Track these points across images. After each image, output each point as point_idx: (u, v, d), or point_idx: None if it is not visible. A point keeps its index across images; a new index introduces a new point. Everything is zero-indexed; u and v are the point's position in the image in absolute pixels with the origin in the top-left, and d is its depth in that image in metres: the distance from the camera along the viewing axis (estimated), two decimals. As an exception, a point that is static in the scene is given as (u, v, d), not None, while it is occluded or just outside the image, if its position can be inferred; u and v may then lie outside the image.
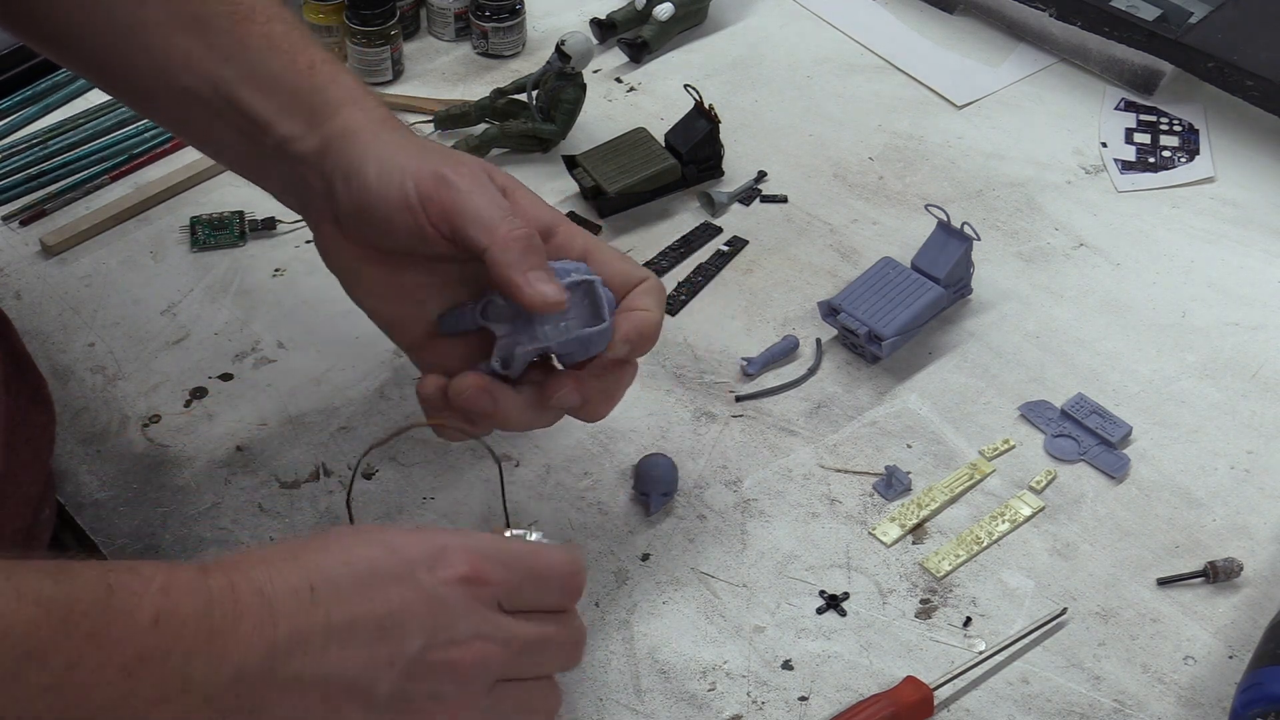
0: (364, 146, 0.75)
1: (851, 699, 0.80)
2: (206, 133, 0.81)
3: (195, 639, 0.60)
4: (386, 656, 0.63)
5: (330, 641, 0.62)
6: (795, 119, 1.20)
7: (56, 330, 1.02)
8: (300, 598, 0.62)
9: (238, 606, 0.61)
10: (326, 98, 0.77)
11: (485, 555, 0.66)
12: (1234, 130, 1.18)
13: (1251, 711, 0.75)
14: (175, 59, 0.78)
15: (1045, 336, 1.01)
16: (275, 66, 0.77)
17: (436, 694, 0.65)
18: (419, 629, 0.64)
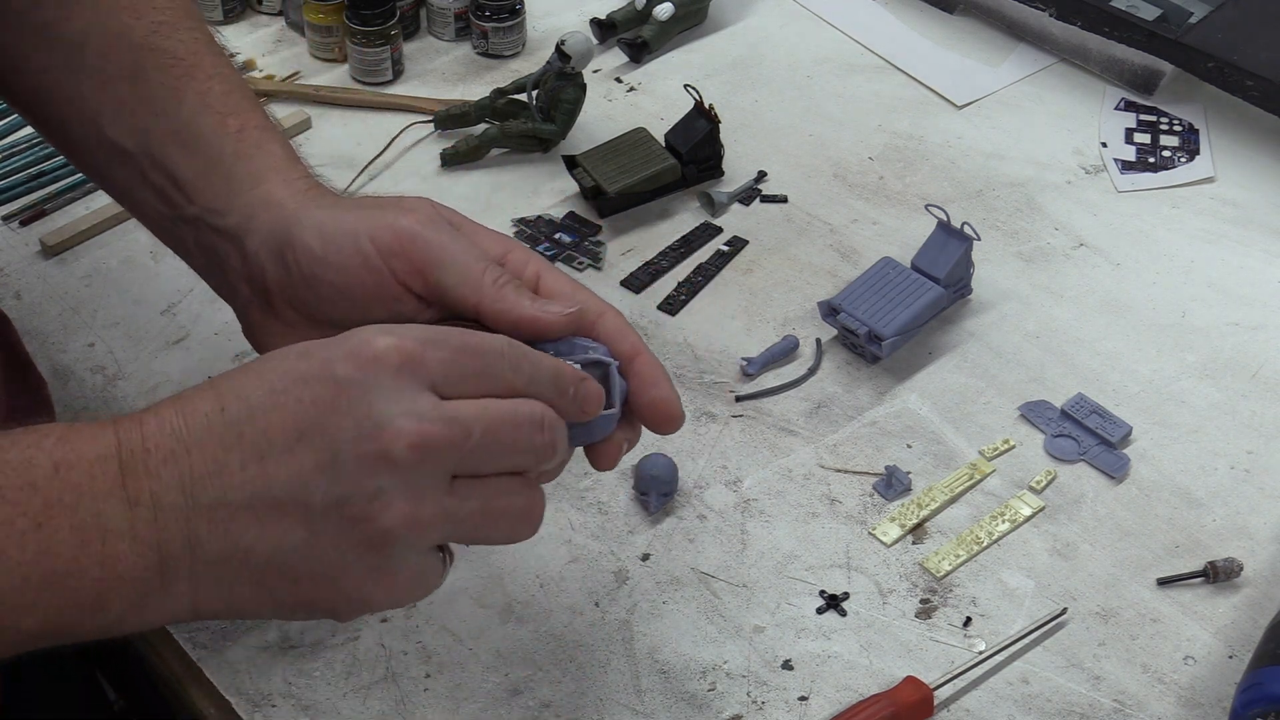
0: (293, 215, 0.70)
1: (851, 699, 0.80)
2: (128, 192, 0.77)
3: (103, 481, 0.57)
4: (313, 462, 0.59)
5: (248, 459, 0.58)
6: (795, 119, 1.20)
7: (56, 330, 1.02)
8: (211, 420, 0.59)
9: (145, 442, 0.58)
10: (250, 167, 0.73)
11: (408, 333, 0.60)
12: (1234, 130, 1.18)
13: (1251, 711, 0.75)
14: (107, 107, 0.75)
15: (1045, 336, 1.01)
16: (203, 125, 0.74)
17: (378, 491, 0.59)
18: (341, 423, 0.58)
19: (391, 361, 0.59)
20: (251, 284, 0.72)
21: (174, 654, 0.83)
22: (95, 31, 0.76)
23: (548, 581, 0.86)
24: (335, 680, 0.81)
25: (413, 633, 0.83)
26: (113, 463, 0.58)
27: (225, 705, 0.80)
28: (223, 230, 0.73)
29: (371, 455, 0.59)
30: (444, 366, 0.60)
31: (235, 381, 0.60)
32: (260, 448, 0.59)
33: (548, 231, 1.09)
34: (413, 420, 0.59)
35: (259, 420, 0.59)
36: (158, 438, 0.59)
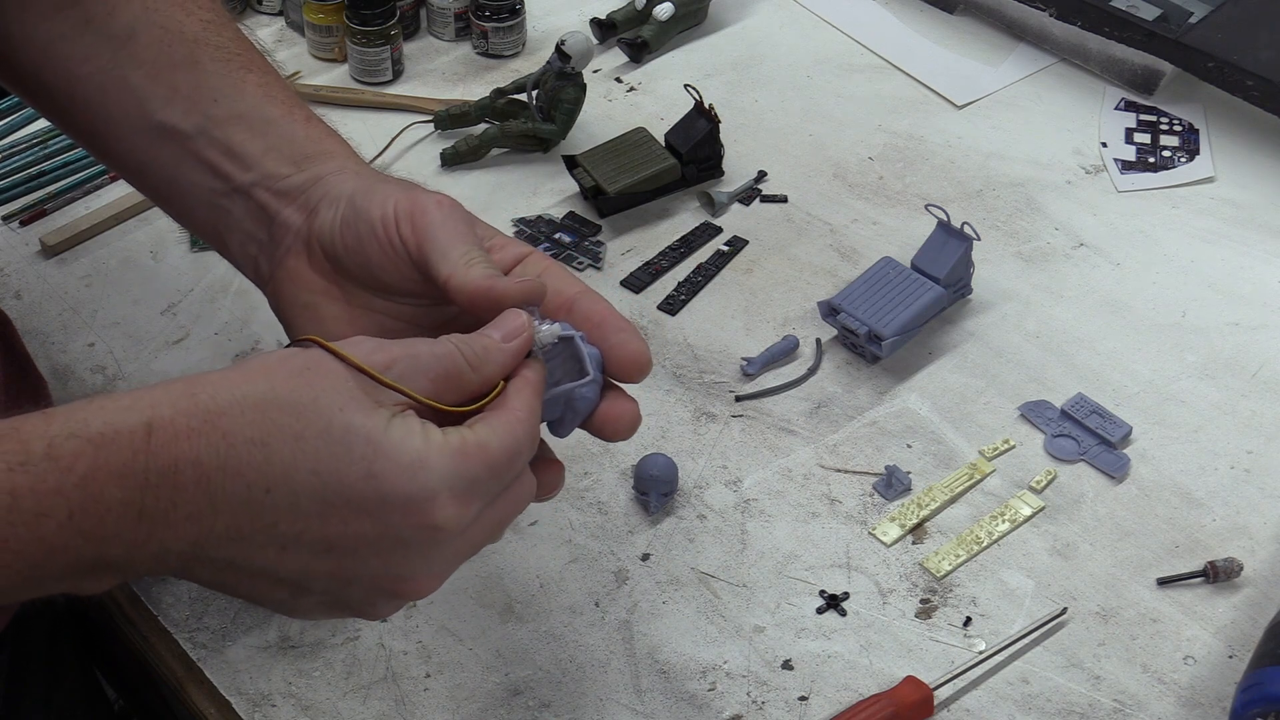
0: (354, 179, 0.74)
1: (851, 699, 0.80)
2: (171, 170, 0.78)
3: (117, 526, 0.56)
4: (327, 570, 0.60)
5: (270, 545, 0.59)
6: (795, 119, 1.20)
7: (56, 330, 1.02)
8: (252, 497, 0.58)
9: (175, 495, 0.57)
10: (321, 146, 0.76)
11: (468, 491, 0.61)
12: (1234, 130, 1.18)
13: (1251, 711, 0.75)
14: (159, 93, 0.77)
15: (1045, 336, 1.01)
16: (270, 113, 0.76)
17: (374, 604, 0.63)
18: (372, 562, 0.60)
19: (441, 536, 0.61)
20: (298, 236, 0.74)
21: (174, 654, 0.83)
22: (143, 25, 0.78)
23: (548, 581, 0.86)
24: (335, 680, 0.81)
25: (413, 633, 0.83)
26: (133, 508, 0.57)
27: (225, 705, 0.80)
28: (284, 190, 0.75)
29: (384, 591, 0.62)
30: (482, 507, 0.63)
31: (287, 460, 0.58)
32: (285, 541, 0.59)
33: (548, 231, 1.09)
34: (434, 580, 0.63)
35: (298, 523, 0.59)
36: (191, 493, 0.57)
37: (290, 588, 0.61)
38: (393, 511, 0.60)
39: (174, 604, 0.85)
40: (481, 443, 0.62)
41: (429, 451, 0.60)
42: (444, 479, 0.60)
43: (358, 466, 0.59)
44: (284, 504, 0.58)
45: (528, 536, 0.88)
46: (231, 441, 0.57)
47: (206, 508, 0.57)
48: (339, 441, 0.59)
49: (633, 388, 0.79)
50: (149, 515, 0.56)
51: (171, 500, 0.57)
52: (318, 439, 0.59)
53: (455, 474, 0.61)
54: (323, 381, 0.60)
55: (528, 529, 0.89)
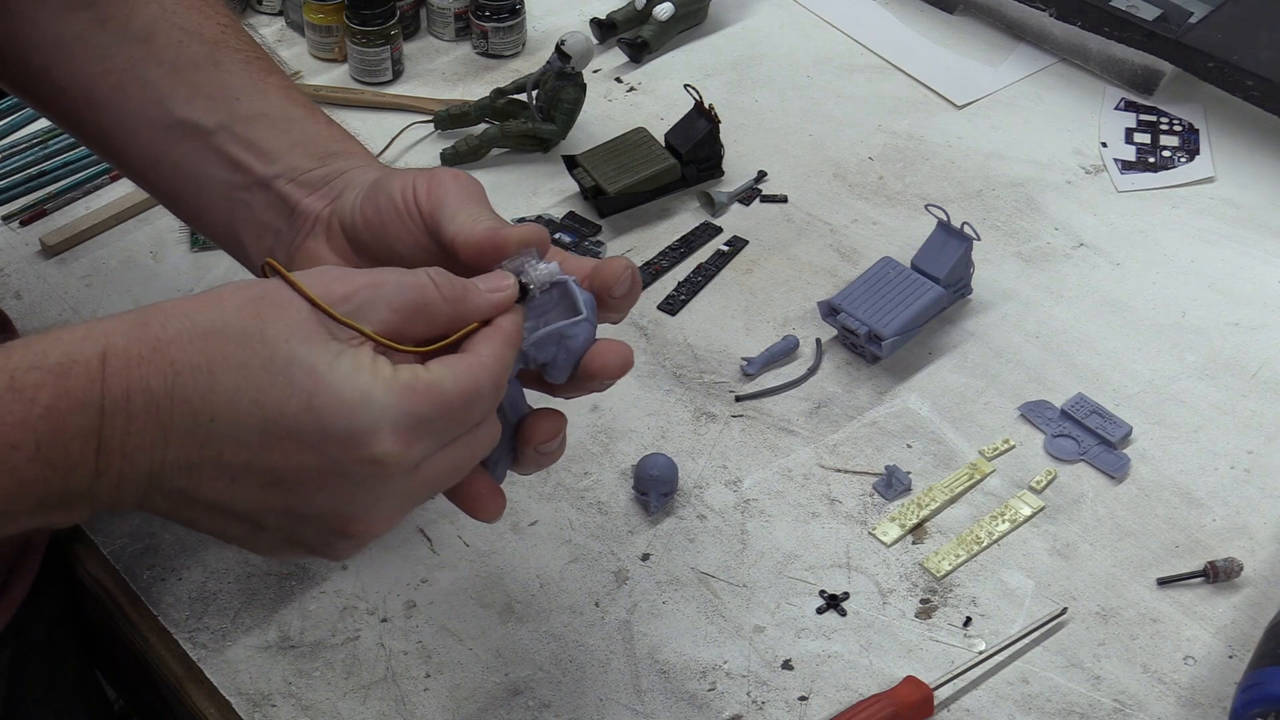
0: (379, 171, 0.75)
1: (851, 699, 0.80)
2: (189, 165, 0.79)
3: (80, 455, 0.57)
4: (280, 503, 0.61)
5: (220, 476, 0.59)
6: (795, 119, 1.20)
7: (56, 330, 1.02)
8: (198, 425, 0.58)
9: (129, 423, 0.58)
10: (344, 146, 0.77)
11: (414, 429, 0.60)
12: (1234, 130, 1.18)
13: (1251, 711, 0.75)
14: (180, 92, 0.78)
15: (1045, 336, 1.01)
16: (294, 113, 0.78)
17: (329, 543, 0.63)
18: (318, 497, 0.61)
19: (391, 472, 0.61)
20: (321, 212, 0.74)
21: (174, 654, 0.83)
22: (162, 26, 0.79)
23: (548, 581, 0.86)
24: (335, 680, 0.81)
25: (413, 633, 0.83)
26: (93, 439, 0.58)
27: (225, 705, 0.80)
28: (307, 182, 0.75)
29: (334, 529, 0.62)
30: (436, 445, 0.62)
31: (233, 384, 0.59)
32: (234, 472, 0.60)
33: (548, 231, 1.09)
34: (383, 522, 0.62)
35: (241, 452, 0.59)
36: (143, 419, 0.58)
37: (247, 523, 0.62)
38: (333, 445, 0.59)
39: (174, 604, 0.85)
40: (433, 382, 0.61)
41: (374, 386, 0.60)
42: (387, 414, 0.60)
43: (298, 398, 0.59)
44: (227, 433, 0.59)
45: (528, 536, 0.88)
46: (179, 369, 0.58)
47: (158, 437, 0.58)
48: (281, 372, 0.59)
49: (633, 387, 0.80)
50: (106, 445, 0.58)
51: (125, 429, 0.58)
52: (261, 369, 0.59)
53: (399, 410, 0.60)
54: (272, 311, 0.60)
55: (528, 529, 0.89)
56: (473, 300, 0.64)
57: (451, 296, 0.64)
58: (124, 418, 0.58)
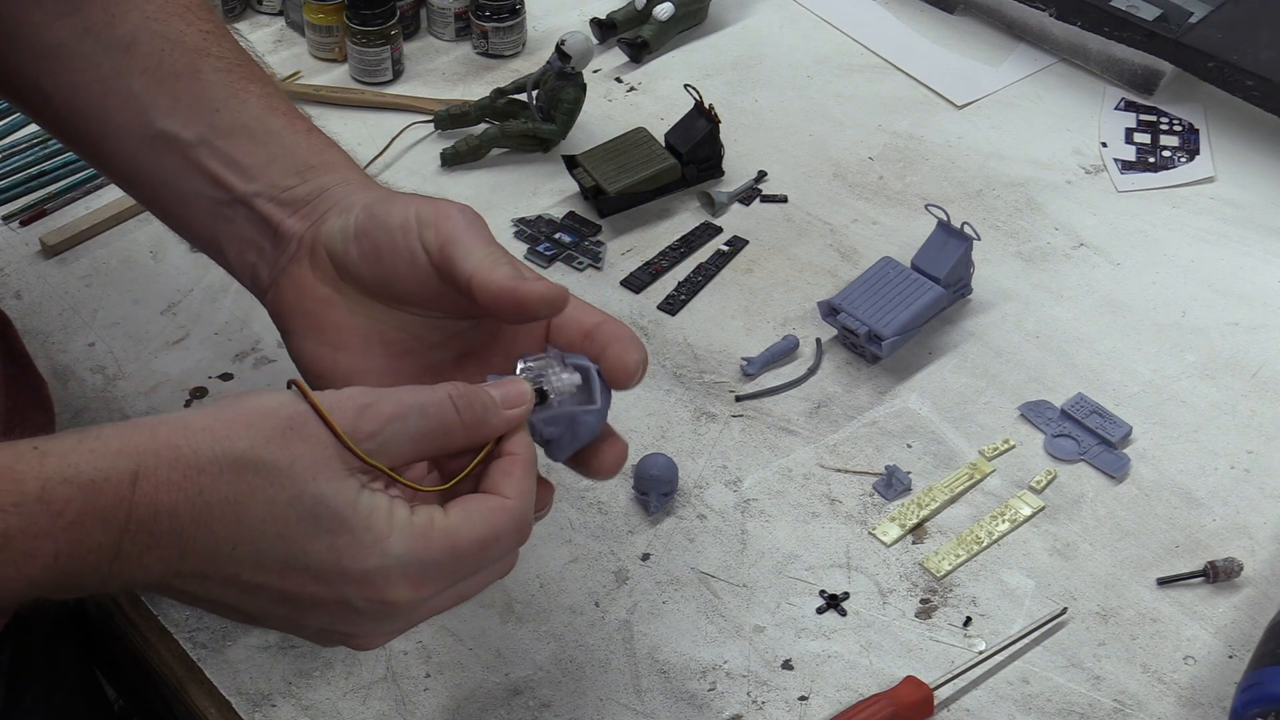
0: (365, 190, 0.74)
1: (851, 699, 0.80)
2: (171, 178, 0.78)
3: (95, 565, 0.59)
4: (285, 613, 0.63)
5: (231, 588, 0.62)
6: (795, 119, 1.20)
7: (56, 330, 1.02)
8: (219, 550, 0.60)
9: (150, 540, 0.59)
10: (323, 157, 0.76)
11: (422, 574, 0.63)
12: (1234, 130, 1.18)
13: (1251, 711, 0.75)
14: (161, 101, 0.77)
15: (1045, 336, 1.01)
16: (272, 123, 0.77)
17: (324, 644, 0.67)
18: (324, 618, 0.63)
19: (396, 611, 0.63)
20: (304, 235, 0.74)
21: (174, 654, 0.83)
22: (144, 34, 0.78)
23: (548, 581, 0.86)
24: (335, 680, 0.81)
25: (413, 633, 0.83)
26: (110, 551, 0.59)
27: (225, 705, 0.80)
28: (288, 200, 0.75)
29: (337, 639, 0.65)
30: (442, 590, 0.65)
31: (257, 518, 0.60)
32: (247, 589, 0.62)
33: (548, 231, 1.09)
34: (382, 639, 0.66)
35: (260, 576, 0.61)
36: (166, 538, 0.59)
37: (247, 618, 0.65)
38: (348, 583, 0.62)
39: (174, 604, 0.85)
40: (450, 530, 0.63)
41: (391, 531, 0.62)
42: (400, 561, 0.62)
43: (322, 539, 0.61)
44: (249, 559, 0.61)
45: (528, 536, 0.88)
46: (207, 499, 0.60)
47: (176, 554, 0.60)
48: (308, 511, 0.61)
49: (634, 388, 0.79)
50: (124, 556, 0.59)
51: (146, 545, 0.59)
52: (288, 506, 0.61)
53: (413, 557, 0.62)
54: (301, 446, 0.61)
55: (528, 529, 0.89)
56: (491, 423, 0.66)
57: (471, 422, 0.65)
58: (146, 536, 0.59)
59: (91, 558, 0.58)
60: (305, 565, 0.61)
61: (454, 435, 0.64)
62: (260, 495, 0.60)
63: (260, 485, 0.60)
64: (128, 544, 0.59)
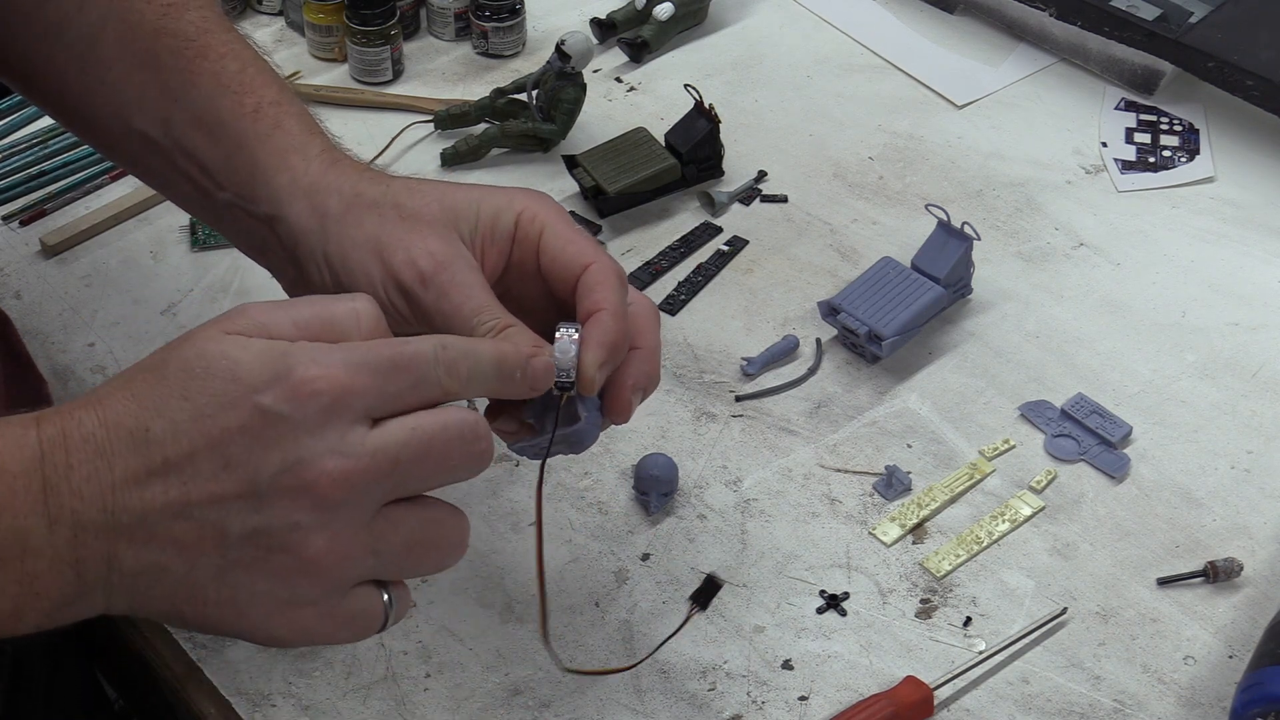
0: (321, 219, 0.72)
1: (851, 699, 0.80)
2: (164, 179, 0.78)
3: (26, 498, 0.57)
4: (234, 488, 0.59)
5: (170, 482, 0.59)
6: (795, 119, 1.20)
7: (56, 330, 1.02)
8: (135, 440, 0.59)
9: (69, 457, 0.58)
10: (270, 147, 0.74)
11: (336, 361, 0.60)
12: (1234, 130, 1.18)
13: (1251, 711, 0.75)
14: (130, 98, 0.76)
15: (1045, 336, 1.01)
16: (221, 109, 0.75)
17: (295, 524, 0.59)
18: (267, 456, 0.59)
19: (321, 398, 0.59)
20: (291, 267, 0.74)
21: (174, 654, 0.83)
22: (110, 22, 0.76)
23: (548, 581, 0.86)
24: (335, 680, 0.81)
25: (413, 632, 0.83)
26: (36, 477, 0.58)
27: (225, 705, 0.80)
28: (257, 216, 0.74)
29: (294, 489, 0.59)
30: (375, 392, 0.60)
31: (157, 395, 0.59)
32: (184, 472, 0.59)
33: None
34: (337, 458, 0.59)
35: (183, 444, 0.59)
36: (82, 451, 0.58)
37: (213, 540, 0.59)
38: (261, 394, 0.59)
39: (174, 604, 0.85)
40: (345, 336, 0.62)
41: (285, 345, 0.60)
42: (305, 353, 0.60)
43: (221, 376, 0.59)
44: (166, 435, 0.59)
45: (528, 536, 0.88)
46: (106, 404, 0.59)
47: (101, 464, 0.58)
48: (195, 366, 0.59)
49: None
50: (52, 484, 0.58)
51: (66, 461, 0.58)
52: (178, 372, 0.59)
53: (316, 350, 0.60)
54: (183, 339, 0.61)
55: (528, 529, 0.89)
56: None
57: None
58: (63, 453, 0.58)
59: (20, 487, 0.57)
60: (215, 404, 0.59)
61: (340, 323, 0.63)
62: (150, 379, 0.60)
63: (149, 375, 0.60)
64: (49, 468, 0.58)
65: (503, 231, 0.72)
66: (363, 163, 0.77)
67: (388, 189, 0.73)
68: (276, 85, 0.77)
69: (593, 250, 0.71)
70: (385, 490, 0.61)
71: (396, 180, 0.74)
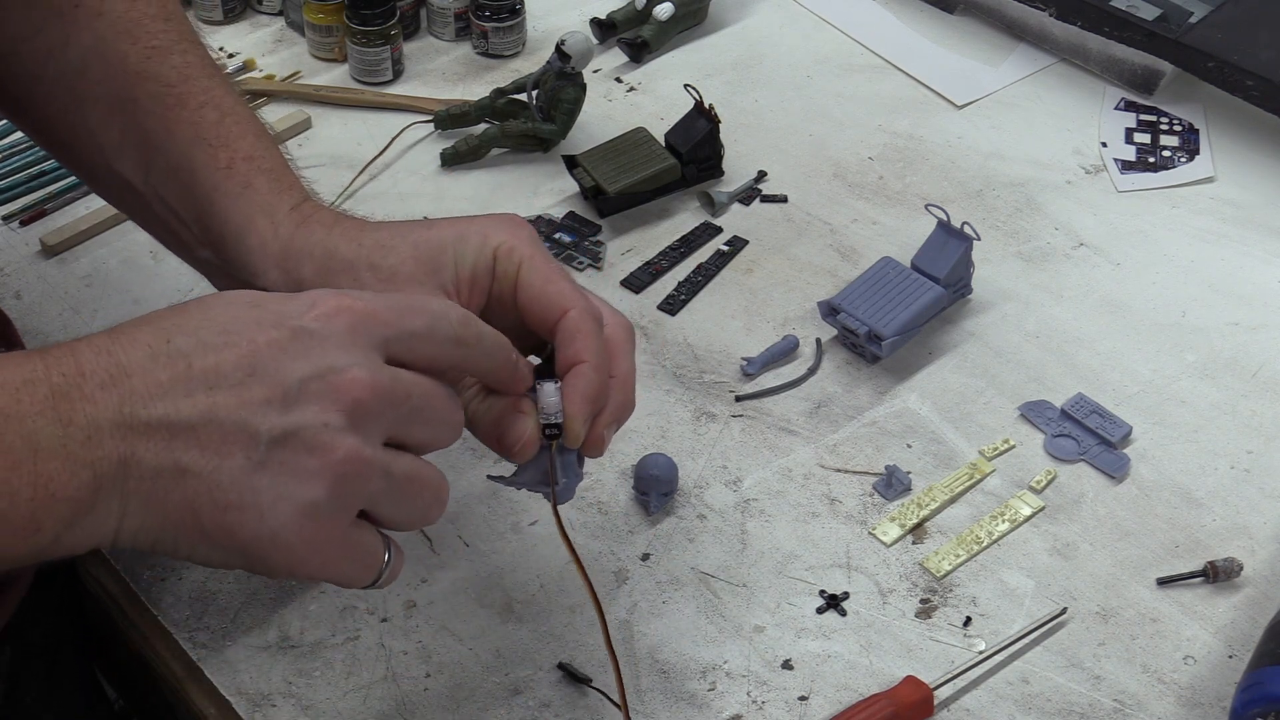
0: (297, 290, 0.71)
1: (851, 699, 0.80)
2: (146, 223, 0.78)
3: (30, 403, 0.56)
4: (262, 394, 0.59)
5: (195, 388, 0.58)
6: (795, 119, 1.20)
7: (56, 330, 1.02)
8: (155, 350, 0.58)
9: (80, 368, 0.58)
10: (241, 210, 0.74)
11: (362, 295, 0.62)
12: (1234, 130, 1.18)
13: (1251, 711, 0.75)
14: (110, 139, 0.76)
15: (1045, 336, 1.01)
16: (196, 161, 0.75)
17: (326, 424, 0.59)
18: (295, 364, 0.59)
19: (348, 316, 0.61)
20: None
21: (174, 654, 0.83)
22: (94, 58, 0.76)
23: (548, 581, 0.86)
24: (335, 680, 0.81)
25: (413, 632, 0.83)
26: (41, 386, 0.57)
27: (225, 705, 0.80)
28: (236, 278, 0.75)
29: (323, 393, 0.59)
30: (394, 325, 0.62)
31: (180, 318, 0.60)
32: (209, 379, 0.59)
33: (548, 231, 1.09)
34: (364, 369, 0.60)
35: (209, 355, 0.59)
36: (93, 364, 0.58)
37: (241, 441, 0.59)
38: (292, 313, 0.60)
39: (174, 604, 0.85)
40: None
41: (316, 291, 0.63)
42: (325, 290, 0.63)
43: (242, 303, 0.61)
44: (190, 347, 0.59)
45: (528, 536, 0.88)
46: (119, 328, 0.61)
47: (117, 371, 0.58)
48: (223, 297, 0.62)
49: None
50: (60, 391, 0.57)
51: (78, 370, 0.58)
52: (197, 304, 0.61)
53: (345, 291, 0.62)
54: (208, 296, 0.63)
55: (528, 529, 0.89)
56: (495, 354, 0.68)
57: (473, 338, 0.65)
58: (72, 361, 0.58)
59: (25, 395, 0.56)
60: (243, 322, 0.60)
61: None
62: (165, 310, 0.61)
63: (162, 311, 0.61)
64: (56, 375, 0.57)
65: (482, 270, 0.73)
66: (333, 213, 0.76)
67: (360, 247, 0.74)
68: (253, 135, 0.77)
69: (570, 292, 0.72)
70: (396, 419, 0.62)
71: (368, 232, 0.74)
